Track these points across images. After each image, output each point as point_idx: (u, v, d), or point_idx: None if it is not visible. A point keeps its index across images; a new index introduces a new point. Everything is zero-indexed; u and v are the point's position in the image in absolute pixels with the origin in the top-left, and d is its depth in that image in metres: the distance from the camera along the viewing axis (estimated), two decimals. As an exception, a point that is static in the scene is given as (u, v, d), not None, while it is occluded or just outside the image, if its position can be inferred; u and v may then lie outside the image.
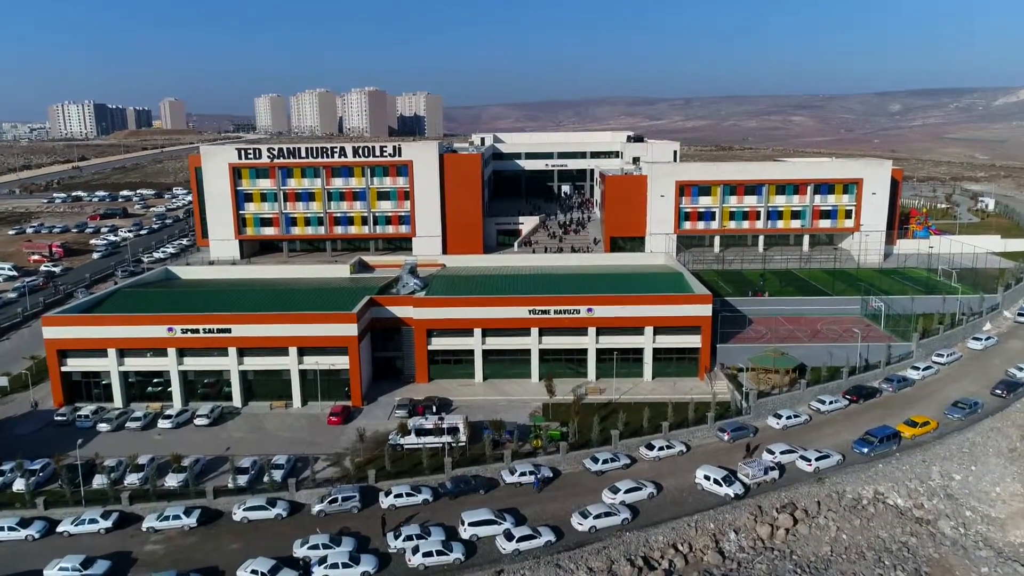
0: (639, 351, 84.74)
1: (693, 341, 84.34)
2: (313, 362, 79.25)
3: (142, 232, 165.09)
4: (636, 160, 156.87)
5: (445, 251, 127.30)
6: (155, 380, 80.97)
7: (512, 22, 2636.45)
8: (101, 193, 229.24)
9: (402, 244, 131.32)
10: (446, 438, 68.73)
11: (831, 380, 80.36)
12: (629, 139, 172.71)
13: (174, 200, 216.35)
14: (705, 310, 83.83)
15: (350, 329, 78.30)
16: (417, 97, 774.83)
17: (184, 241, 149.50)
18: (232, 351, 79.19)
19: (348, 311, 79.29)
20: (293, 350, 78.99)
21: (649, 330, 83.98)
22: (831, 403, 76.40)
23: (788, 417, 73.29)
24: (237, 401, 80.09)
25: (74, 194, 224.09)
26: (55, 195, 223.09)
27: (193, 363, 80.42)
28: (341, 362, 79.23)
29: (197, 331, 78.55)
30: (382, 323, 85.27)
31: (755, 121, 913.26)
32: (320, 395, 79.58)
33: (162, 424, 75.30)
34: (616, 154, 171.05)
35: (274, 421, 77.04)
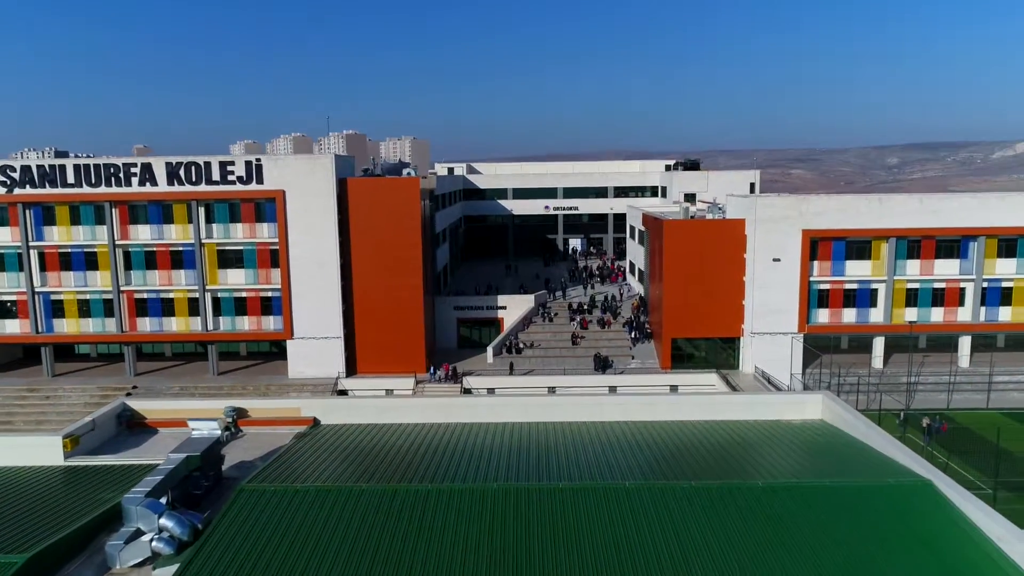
0: None
1: None
2: None
3: None
4: (691, 198, 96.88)
5: (354, 367, 65.99)
6: None
7: (508, 79, 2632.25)
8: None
9: (278, 347, 70.15)
10: None
11: None
12: (673, 167, 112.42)
13: None
14: None
15: None
16: (402, 142, 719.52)
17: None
18: None
19: None
20: None
21: None
22: None
23: None
24: None
25: None
26: None
27: None
28: None
29: None
30: None
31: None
32: None
33: None
34: (654, 190, 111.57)
35: None
